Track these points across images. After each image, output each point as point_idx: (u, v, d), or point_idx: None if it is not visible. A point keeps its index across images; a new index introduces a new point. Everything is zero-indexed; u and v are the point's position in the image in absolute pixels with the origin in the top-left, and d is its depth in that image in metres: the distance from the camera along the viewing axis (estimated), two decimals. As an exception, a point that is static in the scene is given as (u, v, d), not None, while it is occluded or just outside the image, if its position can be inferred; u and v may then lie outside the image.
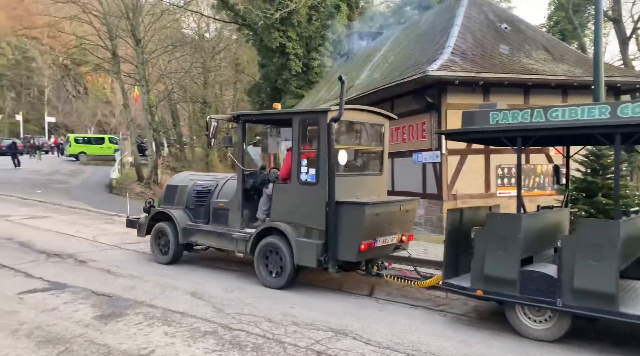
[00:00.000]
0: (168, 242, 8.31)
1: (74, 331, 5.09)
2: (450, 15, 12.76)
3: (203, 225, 8.06)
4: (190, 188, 8.52)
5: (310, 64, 23.72)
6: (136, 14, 24.84)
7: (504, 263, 5.10)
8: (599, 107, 4.71)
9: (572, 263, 4.73)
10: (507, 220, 5.31)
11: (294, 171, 6.89)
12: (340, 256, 6.48)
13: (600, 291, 4.56)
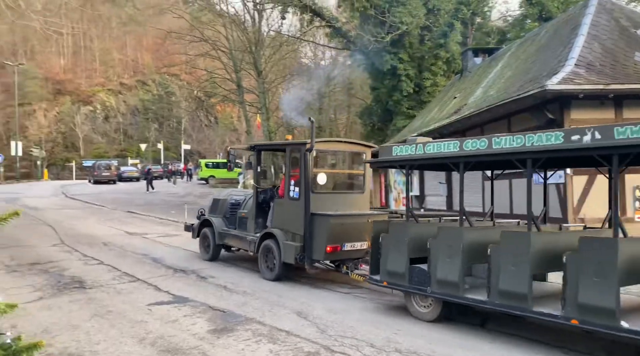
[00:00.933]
0: (210, 243, 10.49)
1: (190, 343, 5.52)
2: (574, 25, 11.79)
3: (232, 230, 10.18)
4: (227, 202, 10.72)
5: (422, 84, 23.42)
6: (258, 47, 26.84)
7: (398, 261, 6.56)
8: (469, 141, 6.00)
9: (436, 259, 6.17)
10: (400, 228, 6.84)
11: (286, 189, 8.80)
12: (313, 256, 8.23)
13: (447, 280, 6.05)
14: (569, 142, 5.00)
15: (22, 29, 52.33)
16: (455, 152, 6.10)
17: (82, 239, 13.29)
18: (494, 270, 5.60)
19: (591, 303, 4.74)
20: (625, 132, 4.57)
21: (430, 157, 6.42)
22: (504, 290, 5.45)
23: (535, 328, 6.15)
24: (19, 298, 7.35)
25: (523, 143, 5.40)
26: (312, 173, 8.48)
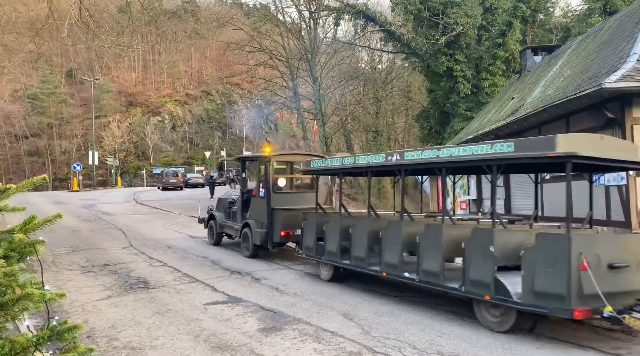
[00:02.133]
0: (214, 231, 13.84)
1: (240, 341, 5.87)
2: (638, 19, 11.16)
3: (228, 221, 13.44)
4: (227, 200, 14.03)
5: (480, 85, 22.85)
6: (313, 54, 27.37)
7: (310, 239, 9.63)
8: None
9: (327, 237, 9.14)
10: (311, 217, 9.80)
11: (257, 190, 11.95)
12: (273, 239, 11.29)
13: (332, 251, 8.96)
14: None
15: (97, 47, 56.43)
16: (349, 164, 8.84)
17: (149, 242, 14.20)
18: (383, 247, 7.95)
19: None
20: None
21: (346, 167, 8.99)
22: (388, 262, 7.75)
23: (585, 334, 5.98)
24: (91, 296, 8.09)
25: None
26: (273, 178, 11.70)
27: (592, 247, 5.65)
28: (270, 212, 11.31)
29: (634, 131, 9.30)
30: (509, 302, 5.89)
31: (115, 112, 62.32)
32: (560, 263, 5.45)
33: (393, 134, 40.28)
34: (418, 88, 35.82)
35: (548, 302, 5.52)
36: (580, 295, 5.33)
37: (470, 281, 6.40)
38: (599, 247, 5.75)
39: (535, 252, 5.74)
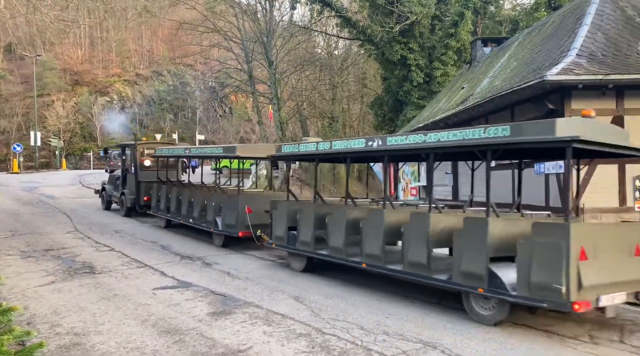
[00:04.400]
0: (105, 199, 18.43)
1: (189, 325, 5.84)
2: (579, 14, 11.72)
3: (114, 192, 17.75)
4: (115, 176, 18.11)
5: (433, 74, 23.35)
6: (269, 37, 27.00)
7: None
8: None
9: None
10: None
11: (130, 168, 16.74)
12: (140, 203, 15.93)
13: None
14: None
15: (39, 21, 53.28)
16: None
17: (95, 227, 13.76)
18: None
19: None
20: None
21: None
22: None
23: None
24: (31, 282, 7.79)
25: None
26: (140, 159, 16.41)
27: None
28: (137, 184, 15.96)
29: (572, 122, 9.80)
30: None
31: (60, 91, 59.21)
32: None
33: (348, 121, 40.53)
34: (373, 75, 36.15)
35: None
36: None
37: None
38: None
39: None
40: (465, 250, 6.11)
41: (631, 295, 5.72)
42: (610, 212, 9.79)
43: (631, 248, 5.78)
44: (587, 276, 5.19)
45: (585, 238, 5.36)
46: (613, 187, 9.86)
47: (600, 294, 5.29)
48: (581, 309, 5.11)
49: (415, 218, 6.95)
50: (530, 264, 5.43)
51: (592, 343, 5.30)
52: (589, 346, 5.22)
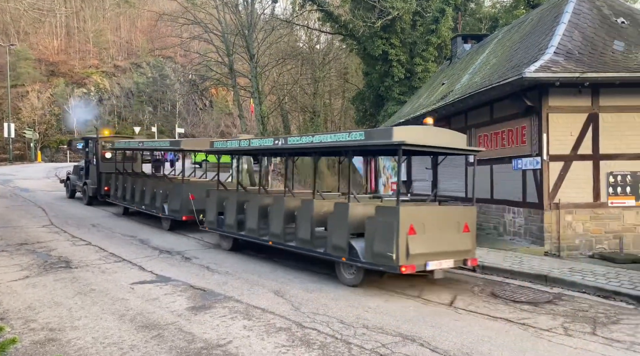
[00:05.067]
0: (69, 188, 19.48)
1: (168, 319, 5.78)
2: (557, 13, 11.90)
3: (77, 181, 18.74)
4: (79, 167, 19.04)
5: (414, 70, 23.47)
6: (250, 30, 26.75)
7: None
8: None
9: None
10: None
11: (91, 160, 17.82)
12: (101, 192, 17.16)
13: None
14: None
15: (13, 10, 51.78)
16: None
17: (72, 220, 13.50)
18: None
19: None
20: None
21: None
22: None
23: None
24: (5, 277, 7.61)
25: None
26: (102, 152, 17.42)
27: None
28: (99, 175, 17.16)
29: (549, 118, 10.00)
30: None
31: (35, 82, 57.73)
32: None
33: (330, 115, 40.50)
34: (355, 70, 36.15)
35: None
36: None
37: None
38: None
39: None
40: (334, 228, 7.73)
41: (459, 262, 7.50)
42: (585, 207, 10.03)
43: (460, 226, 7.50)
44: (415, 246, 6.85)
45: (415, 218, 6.96)
46: (588, 183, 10.07)
47: (428, 260, 6.99)
48: (407, 271, 6.76)
49: (304, 204, 8.45)
50: (373, 238, 7.08)
51: (566, 335, 5.42)
52: (563, 338, 5.34)
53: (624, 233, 10.01)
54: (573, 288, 7.35)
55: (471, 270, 8.13)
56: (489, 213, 12.28)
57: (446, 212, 7.70)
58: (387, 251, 6.79)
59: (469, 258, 7.56)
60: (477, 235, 12.09)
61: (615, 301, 6.74)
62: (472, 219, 7.71)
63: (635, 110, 10.06)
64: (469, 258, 7.55)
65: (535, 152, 10.20)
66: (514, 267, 8.36)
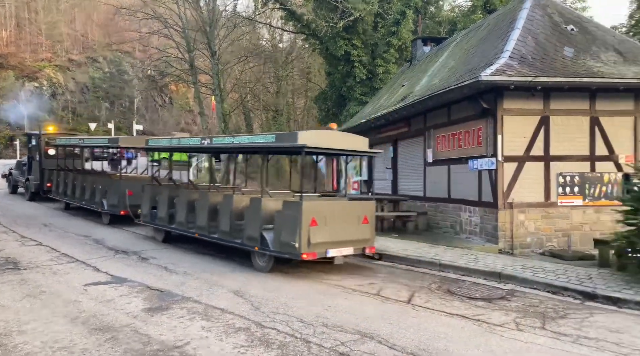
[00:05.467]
0: (11, 183, 19.70)
1: (123, 322, 5.63)
2: (511, 19, 12.33)
3: (20, 176, 18.98)
4: (22, 163, 19.15)
5: (375, 71, 23.76)
6: (212, 27, 26.38)
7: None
8: None
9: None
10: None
11: (34, 156, 18.04)
12: (44, 188, 17.65)
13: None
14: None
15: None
16: None
17: (21, 220, 12.94)
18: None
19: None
20: None
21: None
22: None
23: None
24: (-52, 279, 7.21)
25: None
26: (45, 148, 17.67)
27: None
28: (41, 171, 17.47)
29: (504, 120, 10.34)
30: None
31: (-19, 74, 54.96)
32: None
33: (293, 114, 40.43)
34: (318, 70, 36.23)
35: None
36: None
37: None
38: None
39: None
40: (249, 221, 8.57)
41: (359, 249, 8.50)
42: (537, 206, 10.43)
43: (360, 218, 8.51)
44: (316, 236, 7.78)
45: (317, 211, 7.88)
46: (539, 184, 10.48)
47: (329, 248, 7.96)
48: (308, 258, 7.73)
49: (225, 199, 9.20)
50: (280, 229, 7.99)
51: (517, 330, 5.62)
52: (515, 332, 5.54)
53: (572, 231, 10.47)
54: (525, 284, 7.63)
55: (370, 257, 9.39)
56: (446, 212, 12.58)
57: (347, 206, 8.75)
58: (291, 240, 7.73)
59: (368, 246, 8.63)
60: (435, 234, 12.46)
61: (563, 297, 7.05)
62: (371, 212, 8.83)
63: (582, 113, 10.55)
64: (367, 246, 8.62)
65: (491, 153, 10.53)
66: (469, 265, 8.60)
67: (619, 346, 5.11)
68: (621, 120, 10.64)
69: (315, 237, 7.77)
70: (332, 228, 8.02)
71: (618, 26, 22.21)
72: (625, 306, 6.51)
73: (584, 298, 6.90)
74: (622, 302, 6.56)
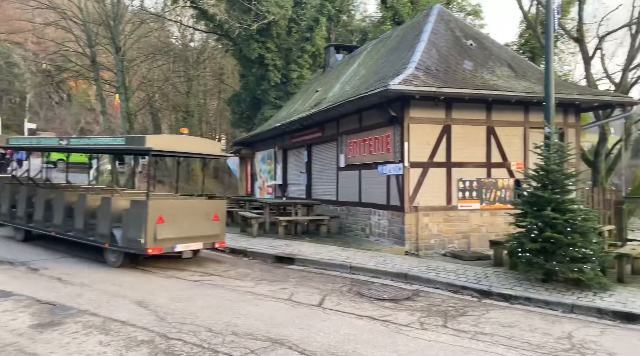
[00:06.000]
0: None
1: (6, 340, 5.05)
2: (418, 31, 12.99)
3: None
4: None
5: (289, 75, 23.87)
6: (117, 21, 24.86)
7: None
8: None
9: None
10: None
11: None
12: None
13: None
14: None
15: None
16: None
17: None
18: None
19: None
20: None
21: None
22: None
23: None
24: None
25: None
26: None
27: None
28: None
29: (410, 128, 10.83)
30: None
31: None
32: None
33: (205, 116, 39.34)
34: (231, 71, 35.63)
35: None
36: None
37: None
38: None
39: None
40: (100, 219, 9.04)
41: (209, 245, 9.22)
42: (440, 209, 11.03)
43: (210, 215, 9.22)
44: (162, 233, 8.35)
45: (164, 209, 8.51)
46: (442, 188, 11.10)
47: (176, 244, 8.61)
48: (154, 252, 8.27)
49: (80, 198, 9.61)
50: (128, 226, 8.50)
51: (421, 329, 5.86)
52: (420, 332, 5.77)
53: (471, 233, 11.22)
54: (429, 284, 8.01)
55: (221, 251, 10.36)
56: (357, 215, 12.90)
57: (197, 204, 9.50)
58: (137, 237, 8.25)
59: (218, 242, 9.35)
60: (346, 237, 12.73)
61: (463, 295, 7.49)
62: (222, 210, 9.55)
63: (480, 123, 11.35)
64: (217, 241, 9.35)
65: (398, 159, 10.97)
66: (378, 267, 8.86)
67: (511, 340, 5.51)
68: (513, 130, 11.60)
69: (162, 233, 8.32)
70: (180, 224, 8.60)
71: (510, 44, 24.30)
72: (516, 302, 7.06)
73: (481, 296, 7.39)
74: (513, 299, 7.11)
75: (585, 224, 7.39)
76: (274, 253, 10.13)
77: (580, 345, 5.36)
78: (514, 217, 8.32)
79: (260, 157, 21.50)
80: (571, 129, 12.10)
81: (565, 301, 6.74)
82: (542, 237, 7.43)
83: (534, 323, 6.15)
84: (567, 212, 7.47)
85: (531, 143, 10.84)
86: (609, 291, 7.23)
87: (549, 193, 7.74)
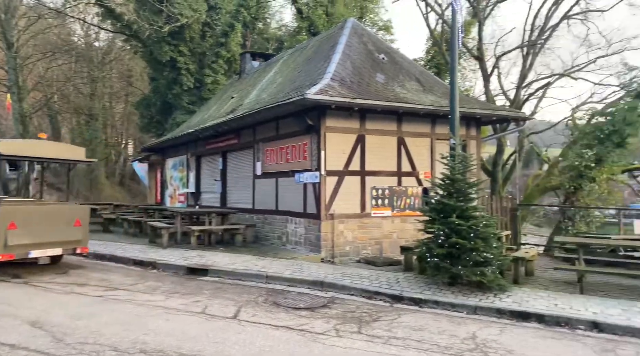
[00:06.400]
0: None
1: None
2: (333, 43, 13.27)
3: None
4: None
5: (203, 80, 23.29)
6: (8, 15, 22.77)
7: None
8: None
9: None
10: None
11: None
12: None
13: None
14: None
15: None
16: None
17: None
18: None
19: None
20: None
21: None
22: None
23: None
24: None
25: None
26: None
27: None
28: None
29: (327, 137, 11.00)
30: None
31: None
32: None
33: (111, 120, 37.10)
34: (140, 74, 34.01)
35: None
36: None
37: None
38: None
39: None
40: None
41: (69, 250, 9.23)
42: (354, 217, 11.29)
43: (71, 221, 9.25)
44: (14, 239, 8.34)
45: (17, 215, 8.45)
46: (356, 196, 11.38)
47: (31, 250, 8.57)
48: (4, 259, 8.22)
49: None
50: None
51: (337, 337, 5.92)
52: (335, 339, 5.82)
53: (383, 239, 11.61)
54: (344, 291, 8.13)
55: (84, 256, 10.34)
56: (274, 223, 12.82)
57: (55, 210, 9.47)
58: None
59: (80, 247, 9.37)
60: (263, 246, 12.59)
61: (376, 301, 7.69)
62: (84, 216, 9.57)
63: (391, 134, 11.83)
64: (79, 247, 9.35)
65: (315, 167, 11.08)
66: (295, 275, 8.84)
67: (421, 343, 5.74)
68: (421, 141, 12.22)
69: (13, 240, 8.26)
70: (35, 231, 8.54)
71: (418, 59, 25.68)
72: (425, 306, 7.38)
73: (393, 301, 7.64)
74: (423, 302, 7.43)
75: (487, 230, 7.94)
76: (186, 264, 9.75)
77: (483, 345, 5.72)
78: (422, 223, 8.73)
79: (172, 164, 20.68)
80: (473, 141, 13.00)
81: (469, 303, 7.17)
82: (448, 242, 7.86)
83: (442, 325, 6.47)
84: (471, 218, 7.97)
85: (437, 153, 11.48)
86: (507, 292, 7.81)
87: (454, 201, 8.21)
